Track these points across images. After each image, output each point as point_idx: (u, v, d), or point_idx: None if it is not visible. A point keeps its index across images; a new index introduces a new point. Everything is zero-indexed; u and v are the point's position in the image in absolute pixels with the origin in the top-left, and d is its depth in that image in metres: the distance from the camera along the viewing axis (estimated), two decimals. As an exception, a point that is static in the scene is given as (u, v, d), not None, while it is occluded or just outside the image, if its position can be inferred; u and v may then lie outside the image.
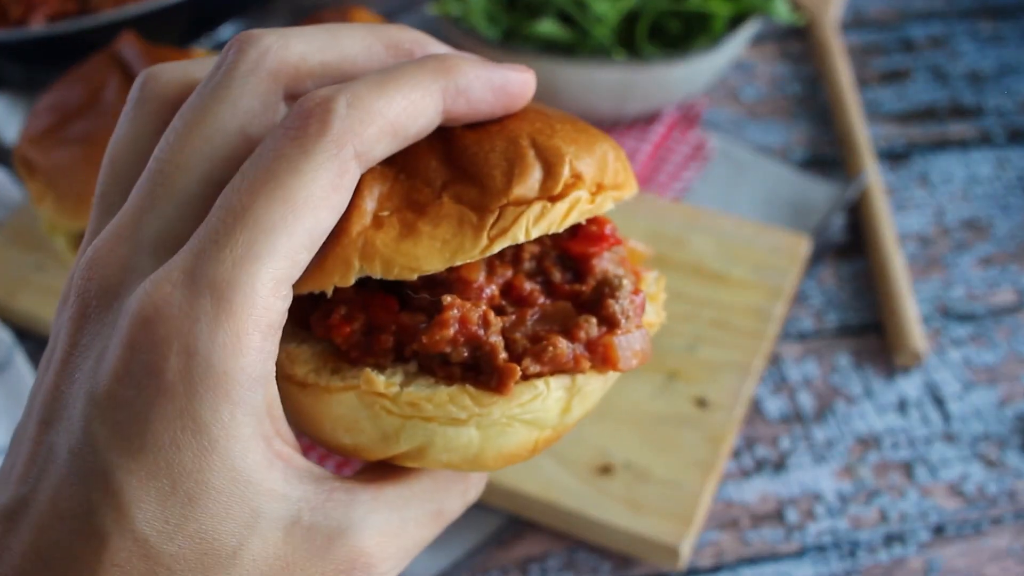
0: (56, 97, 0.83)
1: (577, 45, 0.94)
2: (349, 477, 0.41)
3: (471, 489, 0.45)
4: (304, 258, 0.36)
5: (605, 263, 0.44)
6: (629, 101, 0.95)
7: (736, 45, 0.96)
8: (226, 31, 1.12)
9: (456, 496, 0.44)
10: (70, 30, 0.94)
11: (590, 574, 0.71)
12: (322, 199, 0.36)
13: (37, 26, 0.98)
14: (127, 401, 0.35)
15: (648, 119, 1.01)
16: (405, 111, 0.38)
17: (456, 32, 0.95)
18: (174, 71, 0.42)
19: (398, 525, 0.40)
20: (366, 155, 0.37)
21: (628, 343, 0.42)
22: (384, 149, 0.38)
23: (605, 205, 0.43)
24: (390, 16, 1.15)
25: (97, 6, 1.00)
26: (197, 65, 0.42)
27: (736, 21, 0.96)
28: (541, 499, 0.69)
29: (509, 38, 0.96)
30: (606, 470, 0.70)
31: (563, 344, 0.41)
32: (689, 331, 0.78)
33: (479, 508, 0.72)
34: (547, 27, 0.93)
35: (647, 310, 0.46)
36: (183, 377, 0.34)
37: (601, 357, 0.42)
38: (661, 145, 1.00)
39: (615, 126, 1.00)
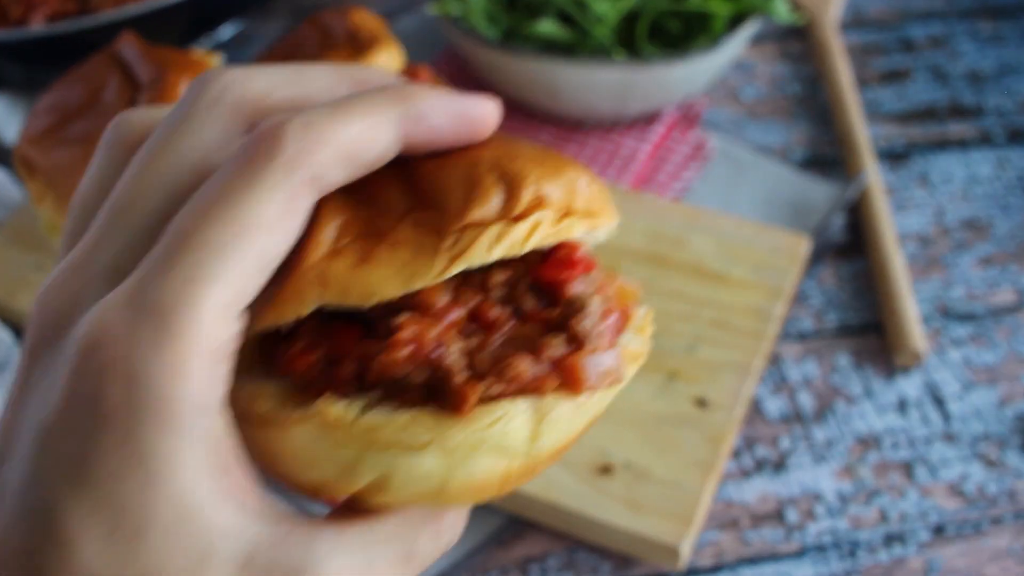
0: (56, 97, 0.83)
1: (577, 45, 0.94)
2: (313, 517, 0.39)
3: (446, 531, 0.42)
4: (253, 283, 0.35)
5: (578, 288, 0.42)
6: (629, 101, 0.95)
7: (736, 45, 0.96)
8: (226, 31, 1.12)
9: (428, 537, 0.41)
10: (70, 30, 0.94)
11: (590, 574, 0.71)
12: (272, 222, 0.35)
13: (37, 26, 0.98)
14: (71, 430, 0.33)
15: (648, 119, 1.01)
16: (361, 135, 0.37)
17: (456, 32, 0.95)
18: (144, 115, 0.41)
19: (363, 566, 0.38)
20: (320, 180, 0.36)
21: (596, 363, 0.40)
22: (339, 175, 0.37)
23: (573, 229, 0.42)
24: (390, 16, 1.15)
25: (97, 6, 1.00)
26: (168, 110, 0.41)
27: (736, 21, 0.96)
28: (541, 499, 0.69)
29: (509, 38, 0.96)
30: (606, 470, 0.70)
31: (525, 363, 0.39)
32: (689, 331, 0.78)
33: (479, 508, 0.72)
34: (547, 27, 0.93)
35: (633, 341, 0.44)
36: (124, 403, 0.33)
37: (568, 377, 0.39)
38: (661, 145, 1.00)
39: (615, 126, 1.00)
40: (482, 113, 0.41)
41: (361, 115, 0.38)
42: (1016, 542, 0.73)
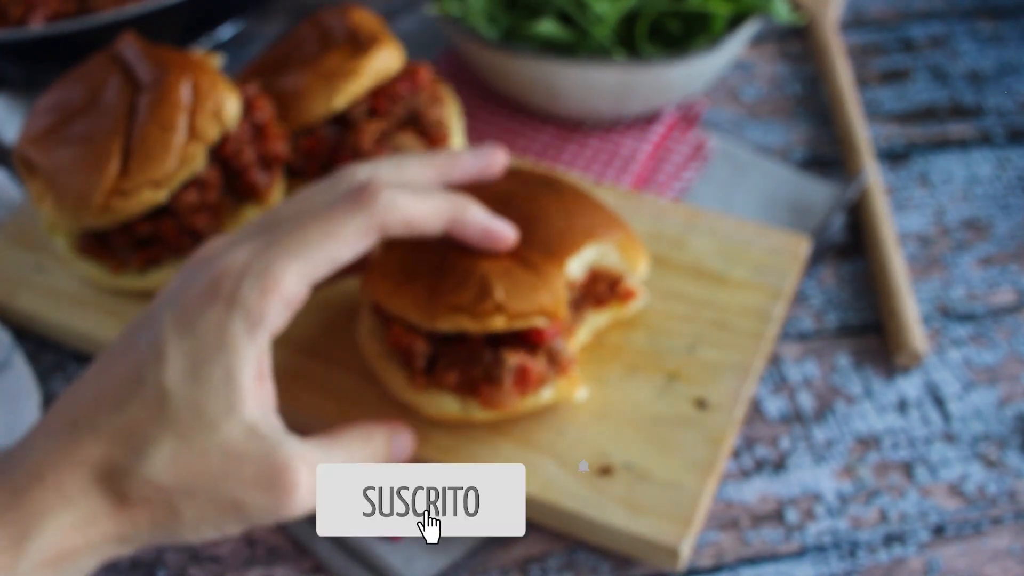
0: (56, 97, 0.83)
1: (577, 45, 0.94)
2: None
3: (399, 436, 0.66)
4: (323, 270, 0.57)
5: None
6: (629, 101, 0.95)
7: (736, 45, 0.96)
8: (226, 31, 1.12)
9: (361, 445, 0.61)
10: (70, 30, 0.94)
11: (590, 574, 0.71)
12: (348, 240, 0.58)
13: (37, 26, 0.98)
14: (198, 308, 0.55)
15: (648, 119, 1.01)
16: (421, 215, 0.60)
17: (456, 32, 0.95)
18: (366, 172, 0.65)
19: (322, 453, 0.57)
20: (386, 228, 0.59)
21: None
22: (400, 231, 0.60)
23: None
24: (390, 16, 1.15)
25: (97, 6, 1.00)
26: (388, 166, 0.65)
27: (736, 21, 0.96)
28: (541, 499, 0.69)
29: (509, 38, 0.96)
30: (606, 471, 0.70)
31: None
32: (689, 331, 0.78)
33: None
34: (547, 27, 0.93)
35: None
36: (227, 306, 0.55)
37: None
38: (661, 145, 1.00)
39: (615, 126, 1.00)
40: (501, 236, 0.64)
41: (426, 205, 0.60)
42: (1016, 542, 0.73)
